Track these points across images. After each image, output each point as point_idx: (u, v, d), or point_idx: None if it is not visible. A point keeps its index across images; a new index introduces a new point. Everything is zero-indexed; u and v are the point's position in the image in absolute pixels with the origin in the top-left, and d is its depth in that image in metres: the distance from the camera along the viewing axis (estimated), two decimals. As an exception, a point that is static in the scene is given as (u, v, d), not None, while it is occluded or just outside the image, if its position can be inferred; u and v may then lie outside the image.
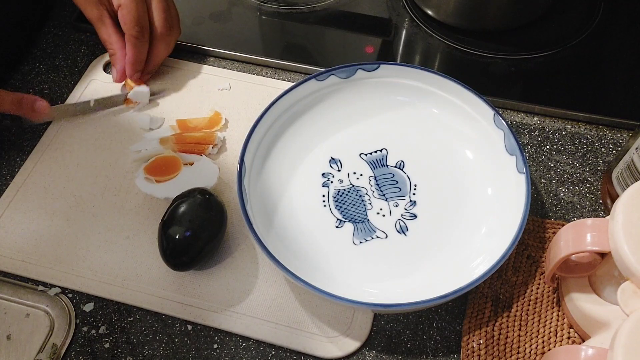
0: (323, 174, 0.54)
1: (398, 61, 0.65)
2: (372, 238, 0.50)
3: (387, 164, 0.54)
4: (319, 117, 0.56)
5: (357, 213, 0.52)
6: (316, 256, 0.49)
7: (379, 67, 0.55)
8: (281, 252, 0.46)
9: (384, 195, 0.52)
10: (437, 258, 0.49)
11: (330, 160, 0.55)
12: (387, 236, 0.50)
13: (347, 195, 0.53)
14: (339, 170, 0.54)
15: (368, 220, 0.51)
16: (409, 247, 0.50)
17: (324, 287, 0.43)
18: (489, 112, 0.52)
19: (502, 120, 0.51)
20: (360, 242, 0.50)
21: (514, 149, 0.50)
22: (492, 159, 0.52)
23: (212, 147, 0.56)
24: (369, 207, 0.52)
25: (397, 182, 0.53)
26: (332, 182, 0.53)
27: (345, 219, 0.51)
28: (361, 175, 0.54)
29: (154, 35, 0.59)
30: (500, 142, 0.51)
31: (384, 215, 0.51)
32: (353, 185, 0.53)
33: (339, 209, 0.52)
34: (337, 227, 0.51)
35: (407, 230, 0.51)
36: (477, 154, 0.53)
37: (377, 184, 0.53)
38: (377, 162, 0.54)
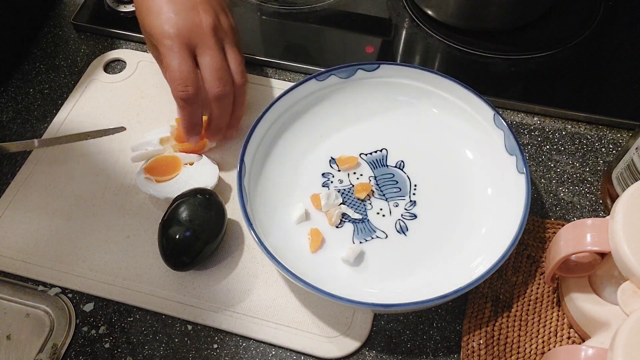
0: (323, 174, 0.54)
1: (398, 61, 0.65)
2: (372, 238, 0.50)
3: (387, 164, 0.54)
4: (319, 117, 0.56)
5: (357, 213, 0.52)
6: (316, 256, 0.49)
7: (379, 67, 0.55)
8: (281, 252, 0.46)
9: (384, 195, 0.52)
10: (437, 258, 0.49)
11: (330, 160, 0.54)
12: (387, 236, 0.50)
13: (347, 195, 0.53)
14: (339, 170, 0.54)
15: (368, 220, 0.51)
16: (409, 247, 0.50)
17: (324, 287, 0.43)
18: (489, 112, 0.52)
19: (502, 120, 0.51)
20: (361, 242, 0.50)
21: (514, 149, 0.50)
22: (492, 159, 0.52)
23: (210, 141, 0.55)
24: (369, 207, 0.52)
25: (397, 182, 0.53)
26: (332, 182, 0.53)
27: (345, 218, 0.51)
28: (361, 175, 0.54)
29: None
30: (500, 142, 0.51)
31: (384, 215, 0.51)
32: (353, 185, 0.53)
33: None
34: (337, 226, 0.51)
35: (407, 230, 0.50)
36: (477, 154, 0.53)
37: (377, 184, 0.53)
38: (377, 162, 0.54)
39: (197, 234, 0.47)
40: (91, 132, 0.55)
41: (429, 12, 0.66)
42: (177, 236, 0.47)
